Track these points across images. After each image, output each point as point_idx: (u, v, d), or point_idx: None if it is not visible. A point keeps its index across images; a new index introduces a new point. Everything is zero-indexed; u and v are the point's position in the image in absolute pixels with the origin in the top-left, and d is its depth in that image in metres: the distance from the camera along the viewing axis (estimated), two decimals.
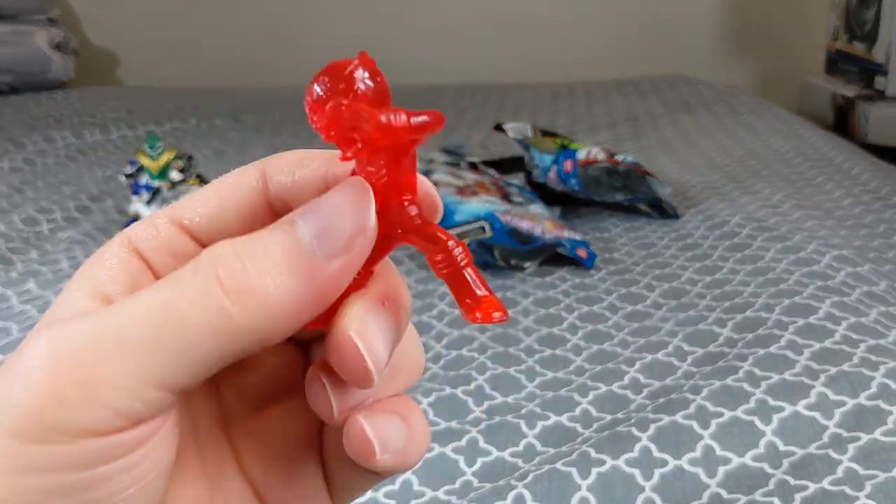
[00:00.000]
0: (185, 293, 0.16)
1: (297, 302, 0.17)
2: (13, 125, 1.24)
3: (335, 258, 0.17)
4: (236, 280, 0.16)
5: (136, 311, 0.16)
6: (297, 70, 1.90)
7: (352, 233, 0.18)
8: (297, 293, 0.17)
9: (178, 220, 0.20)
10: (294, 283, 0.17)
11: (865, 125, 1.38)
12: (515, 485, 0.37)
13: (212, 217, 0.20)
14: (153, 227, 0.20)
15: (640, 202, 0.78)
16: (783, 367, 0.44)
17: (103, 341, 0.16)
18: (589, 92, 1.53)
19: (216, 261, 0.17)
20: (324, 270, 0.17)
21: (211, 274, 0.16)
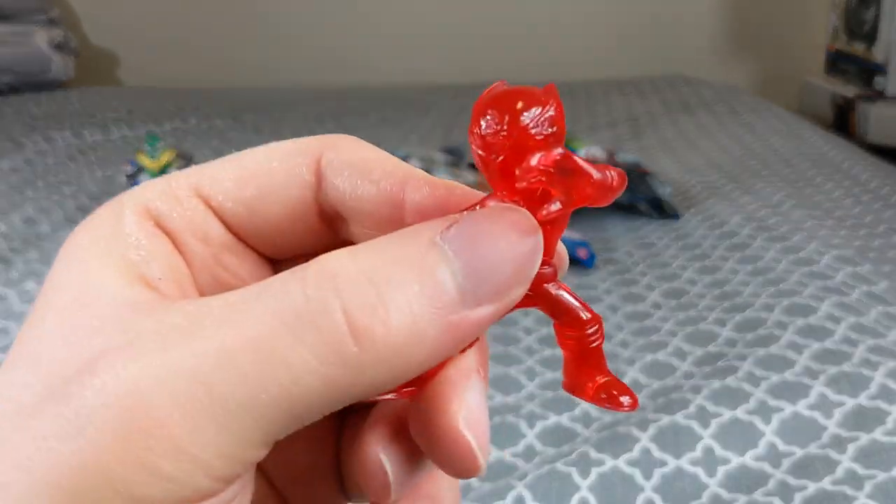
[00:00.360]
0: (301, 337, 0.13)
1: (427, 352, 0.13)
2: (13, 125, 1.24)
3: (483, 306, 0.14)
4: (371, 318, 0.13)
5: (235, 353, 0.13)
6: (298, 70, 1.91)
7: (511, 278, 0.14)
8: (431, 342, 0.13)
9: (204, 196, 0.17)
10: (432, 329, 0.13)
11: (865, 125, 1.38)
12: (515, 484, 0.37)
13: (248, 206, 0.17)
14: (174, 199, 0.17)
15: (640, 202, 0.78)
16: (783, 367, 0.44)
17: (198, 397, 0.13)
18: (589, 92, 1.53)
19: (337, 284, 0.13)
20: (468, 319, 0.14)
21: (335, 305, 0.13)
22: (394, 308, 0.13)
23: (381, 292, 0.13)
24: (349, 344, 0.13)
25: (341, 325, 0.13)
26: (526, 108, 0.14)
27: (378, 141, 0.79)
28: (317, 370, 0.13)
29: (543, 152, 0.14)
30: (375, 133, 1.20)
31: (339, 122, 1.30)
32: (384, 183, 0.17)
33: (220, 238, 0.17)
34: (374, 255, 0.14)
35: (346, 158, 0.17)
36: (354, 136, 0.18)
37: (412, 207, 0.16)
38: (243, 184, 0.17)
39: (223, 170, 0.17)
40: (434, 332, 0.13)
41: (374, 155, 0.17)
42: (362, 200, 0.17)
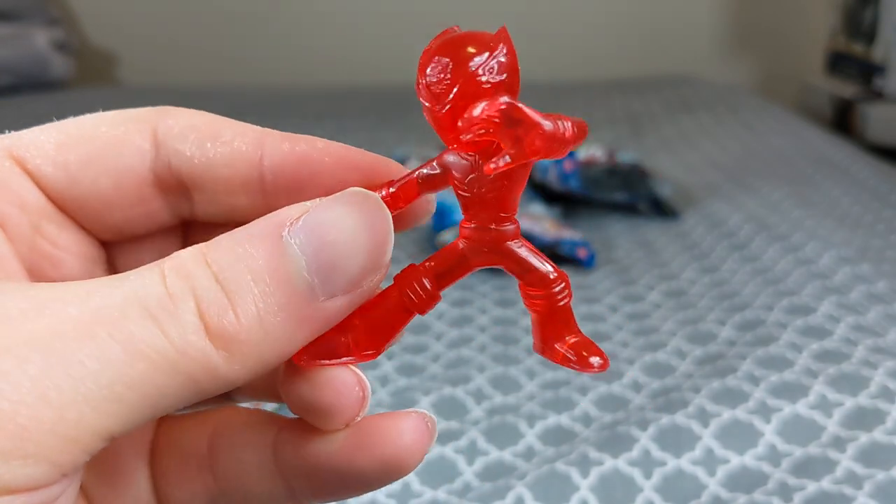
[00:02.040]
0: (161, 323, 0.13)
1: (285, 347, 0.14)
2: (13, 125, 1.24)
3: (337, 297, 0.14)
4: (222, 321, 0.13)
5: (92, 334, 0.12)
6: (297, 69, 1.91)
7: (362, 269, 0.14)
8: (287, 337, 0.13)
9: (18, 158, 0.16)
10: (286, 326, 0.13)
11: (865, 125, 1.38)
12: (515, 485, 0.37)
13: (70, 173, 0.16)
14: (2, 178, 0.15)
15: (640, 202, 0.78)
16: (783, 366, 0.44)
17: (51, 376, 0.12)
18: (589, 92, 1.53)
19: (193, 281, 0.13)
20: (321, 311, 0.14)
21: (190, 302, 0.13)
22: (241, 308, 0.13)
23: (230, 292, 0.13)
24: (213, 355, 0.13)
25: (195, 322, 0.13)
26: (474, 54, 0.13)
27: (378, 141, 0.80)
28: (174, 359, 0.13)
29: (488, 101, 0.13)
30: (375, 133, 1.20)
31: (339, 122, 1.30)
32: (238, 142, 0.16)
33: (39, 205, 0.16)
34: (225, 254, 0.13)
35: (189, 123, 0.16)
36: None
37: (271, 167, 0.15)
38: (65, 149, 0.16)
39: (43, 133, 0.16)
40: (284, 327, 0.13)
41: (220, 119, 0.16)
42: (214, 164, 0.16)
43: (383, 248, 0.14)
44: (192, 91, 1.62)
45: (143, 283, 0.13)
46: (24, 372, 0.12)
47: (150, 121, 0.16)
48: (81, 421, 0.12)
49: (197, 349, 0.13)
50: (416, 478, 0.39)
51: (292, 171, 0.16)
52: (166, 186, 0.16)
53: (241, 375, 0.13)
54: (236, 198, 0.16)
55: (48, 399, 0.12)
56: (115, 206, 0.16)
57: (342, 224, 0.13)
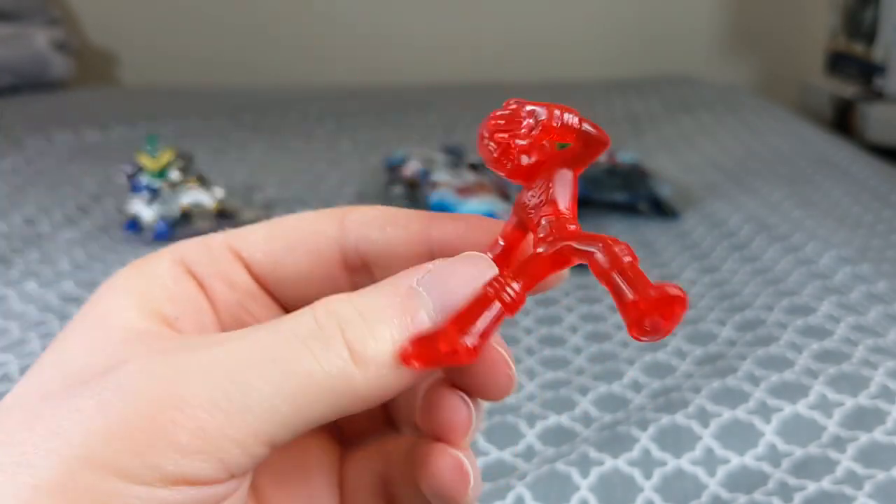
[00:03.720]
0: (312, 349, 0.16)
1: (409, 376, 0.17)
2: (13, 125, 1.24)
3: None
4: (363, 344, 0.16)
5: (257, 359, 0.16)
6: (297, 69, 1.91)
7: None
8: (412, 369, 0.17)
9: (235, 249, 0.20)
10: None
11: (865, 125, 1.38)
12: (515, 485, 0.37)
13: (276, 258, 0.20)
14: (207, 250, 0.20)
15: (640, 202, 0.78)
16: (783, 366, 0.44)
17: (224, 389, 0.15)
18: (589, 92, 1.53)
19: (339, 318, 0.16)
20: None
21: (337, 332, 0.16)
22: (378, 336, 0.16)
23: (371, 326, 0.16)
24: (349, 362, 0.16)
25: (343, 347, 0.16)
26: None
27: (378, 141, 0.80)
28: (324, 379, 0.16)
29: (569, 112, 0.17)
30: (375, 133, 1.20)
31: (339, 122, 1.30)
32: (412, 225, 0.20)
33: (246, 285, 0.20)
34: (367, 299, 0.17)
35: (371, 213, 0.20)
36: None
37: (439, 243, 0.19)
38: (272, 239, 0.20)
39: (257, 230, 0.20)
40: None
41: (394, 209, 0.20)
42: (392, 244, 0.20)
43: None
44: (192, 91, 1.62)
45: (300, 320, 0.16)
46: (204, 385, 0.15)
47: (339, 214, 0.20)
48: (246, 427, 0.15)
49: (340, 369, 0.16)
50: None
51: (456, 247, 0.19)
52: (352, 266, 0.20)
53: (379, 394, 0.16)
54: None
55: (221, 407, 0.15)
56: (312, 284, 0.20)
57: (458, 273, 0.17)
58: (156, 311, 0.18)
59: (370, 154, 1.05)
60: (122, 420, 0.15)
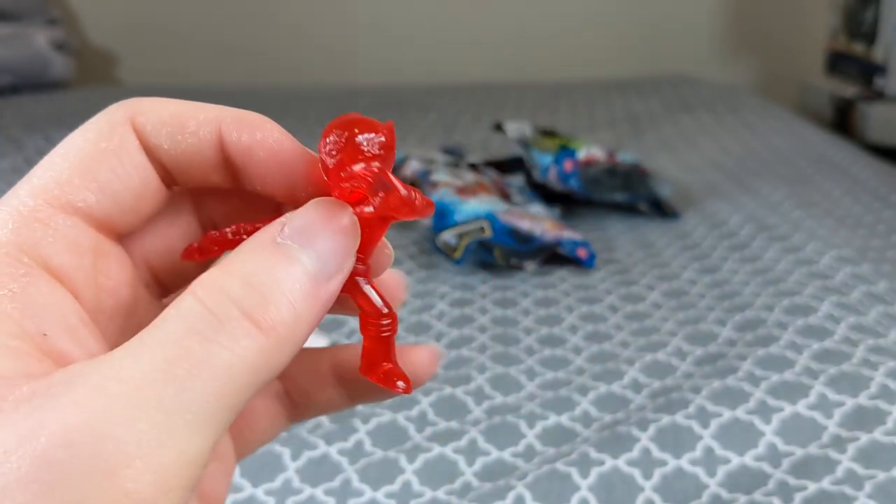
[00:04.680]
0: (218, 340, 0.15)
1: (310, 324, 0.17)
2: (13, 125, 1.24)
3: (333, 278, 0.17)
4: (263, 311, 0.16)
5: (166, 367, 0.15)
6: (297, 69, 1.91)
7: (343, 253, 0.18)
8: (308, 315, 0.17)
9: (69, 205, 0.17)
10: (310, 307, 0.17)
11: (865, 125, 1.38)
12: (515, 485, 0.37)
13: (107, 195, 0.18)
14: (38, 223, 0.17)
15: (640, 202, 0.78)
16: (783, 367, 0.44)
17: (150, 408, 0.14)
18: (589, 92, 1.53)
19: (228, 296, 0.16)
20: (327, 290, 0.17)
21: (234, 311, 0.15)
22: (279, 301, 0.16)
23: (263, 291, 0.16)
24: (257, 335, 0.15)
25: (244, 322, 0.15)
26: (361, 131, 0.18)
27: None
28: (239, 362, 0.15)
29: (366, 164, 0.18)
30: None
31: None
32: (202, 132, 0.18)
33: (91, 242, 0.18)
34: (242, 266, 0.16)
35: (158, 118, 0.18)
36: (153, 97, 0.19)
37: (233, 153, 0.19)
38: (88, 175, 0.17)
39: (62, 170, 0.17)
40: (308, 307, 0.17)
41: (183, 106, 0.19)
42: (187, 154, 0.18)
43: (354, 236, 0.18)
44: (191, 91, 1.61)
45: (187, 314, 0.15)
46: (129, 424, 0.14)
47: (127, 121, 0.18)
48: (186, 447, 0.14)
49: (254, 347, 0.15)
50: (417, 478, 0.39)
51: (241, 161, 0.19)
52: (159, 172, 0.19)
53: (286, 359, 0.16)
54: (212, 177, 0.19)
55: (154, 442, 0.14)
56: (144, 205, 0.19)
57: (323, 221, 0.17)
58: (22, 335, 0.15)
59: None
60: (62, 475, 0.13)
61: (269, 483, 0.39)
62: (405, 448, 0.41)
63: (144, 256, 0.20)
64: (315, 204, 0.18)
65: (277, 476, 0.39)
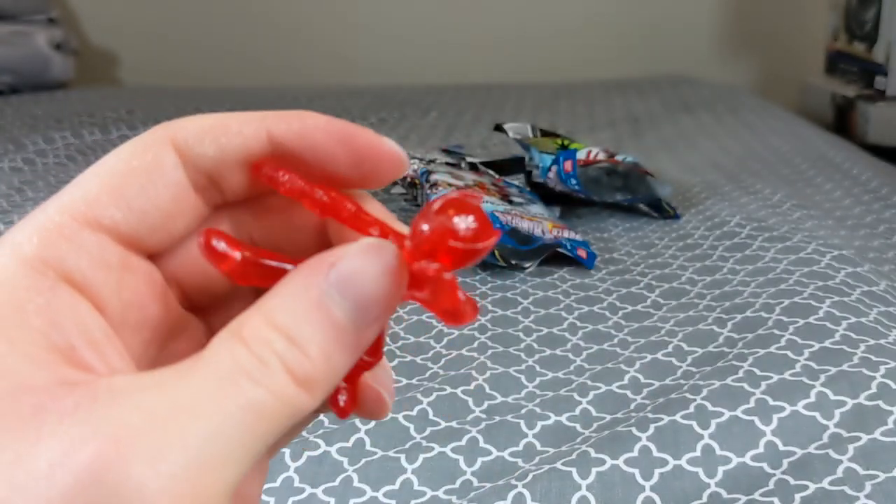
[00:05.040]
0: (266, 388, 0.15)
1: (341, 373, 0.17)
2: (13, 125, 1.24)
3: (371, 326, 0.17)
4: (303, 369, 0.16)
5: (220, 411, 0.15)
6: (297, 70, 1.91)
7: (387, 305, 0.17)
8: (342, 366, 0.17)
9: (95, 222, 0.17)
10: (343, 358, 0.17)
11: (865, 125, 1.38)
12: (515, 484, 0.37)
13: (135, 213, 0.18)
14: (63, 239, 0.17)
15: (640, 202, 0.78)
16: (783, 367, 0.44)
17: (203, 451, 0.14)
18: (589, 92, 1.53)
19: (274, 349, 0.16)
20: (362, 339, 0.17)
21: (278, 366, 0.16)
22: (315, 355, 0.16)
23: (302, 346, 0.16)
24: (293, 388, 0.16)
25: (284, 376, 0.16)
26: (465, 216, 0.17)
27: None
28: (276, 407, 0.16)
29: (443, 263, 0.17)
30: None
31: None
32: (246, 130, 0.18)
33: (116, 258, 0.18)
34: (283, 313, 0.16)
35: (199, 128, 0.18)
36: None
37: (279, 144, 0.19)
38: (117, 192, 0.18)
39: (91, 188, 0.17)
40: (342, 358, 0.17)
41: (224, 115, 0.19)
42: (231, 153, 0.18)
43: (400, 283, 0.17)
44: (191, 91, 1.62)
45: (235, 356, 0.16)
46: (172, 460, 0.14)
47: (165, 138, 0.18)
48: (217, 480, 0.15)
49: (290, 395, 0.16)
50: (416, 478, 0.39)
51: (295, 146, 0.19)
52: (200, 186, 0.19)
53: (317, 404, 0.17)
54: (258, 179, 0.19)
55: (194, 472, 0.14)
56: (175, 224, 0.19)
57: (369, 270, 0.17)
58: (52, 348, 0.16)
59: None
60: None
61: (270, 483, 0.39)
62: (405, 448, 0.41)
63: (175, 272, 0.20)
64: (365, 249, 0.17)
65: (278, 476, 0.39)
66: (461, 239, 0.17)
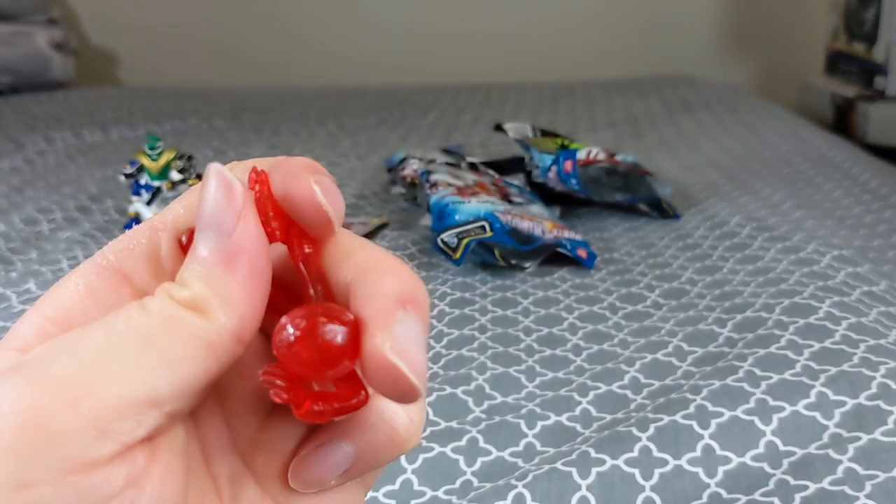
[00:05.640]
0: (150, 318, 0.17)
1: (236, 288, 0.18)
2: (13, 125, 1.24)
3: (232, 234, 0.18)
4: (184, 295, 0.18)
5: (112, 334, 0.17)
6: (297, 69, 1.91)
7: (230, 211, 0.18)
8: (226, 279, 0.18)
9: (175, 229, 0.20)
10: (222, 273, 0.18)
11: (865, 125, 1.38)
12: (515, 484, 0.37)
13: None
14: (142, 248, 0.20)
15: (640, 202, 0.78)
16: (783, 367, 0.44)
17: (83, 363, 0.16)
18: (589, 92, 1.53)
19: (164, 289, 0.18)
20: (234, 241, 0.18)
21: (164, 297, 0.18)
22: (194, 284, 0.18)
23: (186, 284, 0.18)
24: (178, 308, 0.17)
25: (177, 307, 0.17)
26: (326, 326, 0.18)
27: (378, 141, 0.80)
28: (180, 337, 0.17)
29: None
30: (375, 133, 1.20)
31: (339, 122, 1.30)
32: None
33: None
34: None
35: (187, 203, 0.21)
36: None
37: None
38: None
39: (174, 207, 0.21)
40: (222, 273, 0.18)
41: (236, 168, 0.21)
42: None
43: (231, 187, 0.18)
44: (192, 91, 1.62)
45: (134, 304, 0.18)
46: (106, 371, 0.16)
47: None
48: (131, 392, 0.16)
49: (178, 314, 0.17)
50: (416, 478, 0.39)
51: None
52: None
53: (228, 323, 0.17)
54: None
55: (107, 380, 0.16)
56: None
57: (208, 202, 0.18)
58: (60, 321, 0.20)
59: (370, 154, 1.05)
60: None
61: None
62: None
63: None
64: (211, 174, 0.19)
65: None
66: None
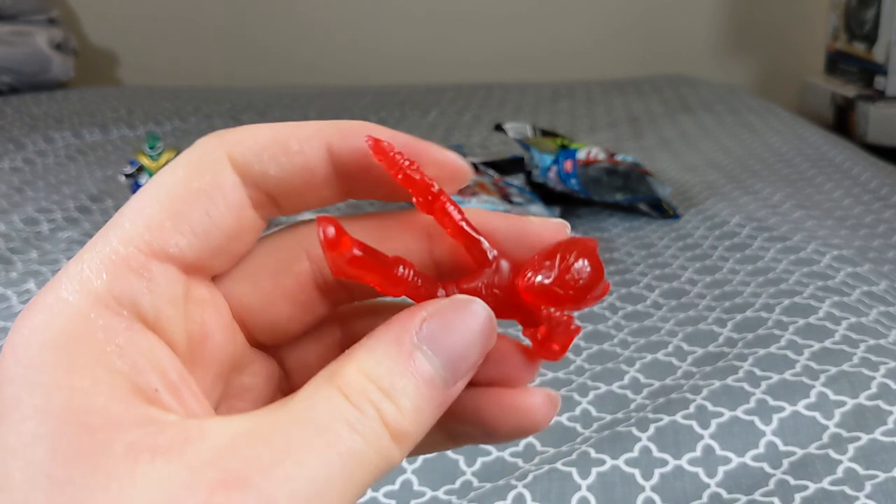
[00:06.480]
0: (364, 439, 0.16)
1: (429, 425, 0.17)
2: (13, 125, 1.24)
3: (460, 381, 0.18)
4: (398, 424, 0.16)
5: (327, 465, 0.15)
6: (297, 69, 1.91)
7: (476, 359, 0.18)
8: (432, 419, 0.17)
9: (162, 252, 0.17)
10: (431, 413, 0.17)
11: (865, 125, 1.38)
12: (515, 484, 0.37)
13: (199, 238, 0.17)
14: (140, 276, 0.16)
15: (640, 202, 0.78)
16: (783, 367, 0.44)
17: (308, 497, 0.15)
18: (589, 92, 1.53)
19: (371, 400, 0.16)
20: (451, 393, 0.17)
21: (376, 416, 0.16)
22: (407, 408, 0.16)
23: (396, 398, 0.16)
24: (387, 439, 0.16)
25: (381, 427, 0.16)
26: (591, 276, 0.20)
27: None
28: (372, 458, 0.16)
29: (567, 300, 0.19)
30: None
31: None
32: (307, 149, 0.18)
33: (183, 289, 0.17)
34: (378, 365, 0.16)
35: (255, 143, 0.18)
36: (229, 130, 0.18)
37: (342, 161, 0.18)
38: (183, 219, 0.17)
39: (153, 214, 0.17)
40: (432, 411, 0.17)
41: (279, 129, 0.18)
42: (293, 174, 0.18)
43: (490, 339, 0.18)
44: (192, 91, 1.62)
45: (334, 404, 0.16)
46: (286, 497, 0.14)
47: (223, 157, 0.17)
48: None
49: (384, 446, 0.16)
50: (416, 478, 0.39)
51: (358, 163, 0.18)
52: (258, 203, 0.18)
53: (402, 458, 0.17)
54: (324, 193, 0.19)
55: None
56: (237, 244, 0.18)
57: (460, 326, 0.17)
58: (135, 390, 0.15)
59: None
60: None
61: None
62: None
63: (234, 299, 0.19)
64: (456, 306, 0.18)
65: None
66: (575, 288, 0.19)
